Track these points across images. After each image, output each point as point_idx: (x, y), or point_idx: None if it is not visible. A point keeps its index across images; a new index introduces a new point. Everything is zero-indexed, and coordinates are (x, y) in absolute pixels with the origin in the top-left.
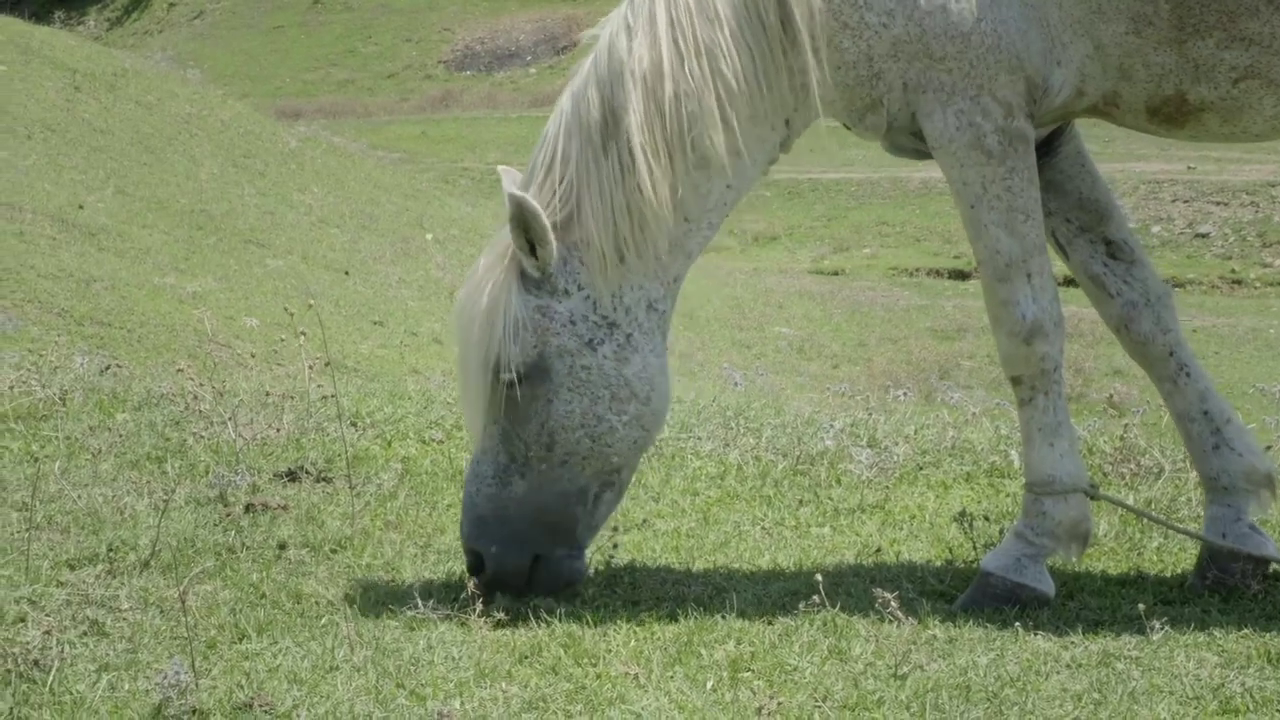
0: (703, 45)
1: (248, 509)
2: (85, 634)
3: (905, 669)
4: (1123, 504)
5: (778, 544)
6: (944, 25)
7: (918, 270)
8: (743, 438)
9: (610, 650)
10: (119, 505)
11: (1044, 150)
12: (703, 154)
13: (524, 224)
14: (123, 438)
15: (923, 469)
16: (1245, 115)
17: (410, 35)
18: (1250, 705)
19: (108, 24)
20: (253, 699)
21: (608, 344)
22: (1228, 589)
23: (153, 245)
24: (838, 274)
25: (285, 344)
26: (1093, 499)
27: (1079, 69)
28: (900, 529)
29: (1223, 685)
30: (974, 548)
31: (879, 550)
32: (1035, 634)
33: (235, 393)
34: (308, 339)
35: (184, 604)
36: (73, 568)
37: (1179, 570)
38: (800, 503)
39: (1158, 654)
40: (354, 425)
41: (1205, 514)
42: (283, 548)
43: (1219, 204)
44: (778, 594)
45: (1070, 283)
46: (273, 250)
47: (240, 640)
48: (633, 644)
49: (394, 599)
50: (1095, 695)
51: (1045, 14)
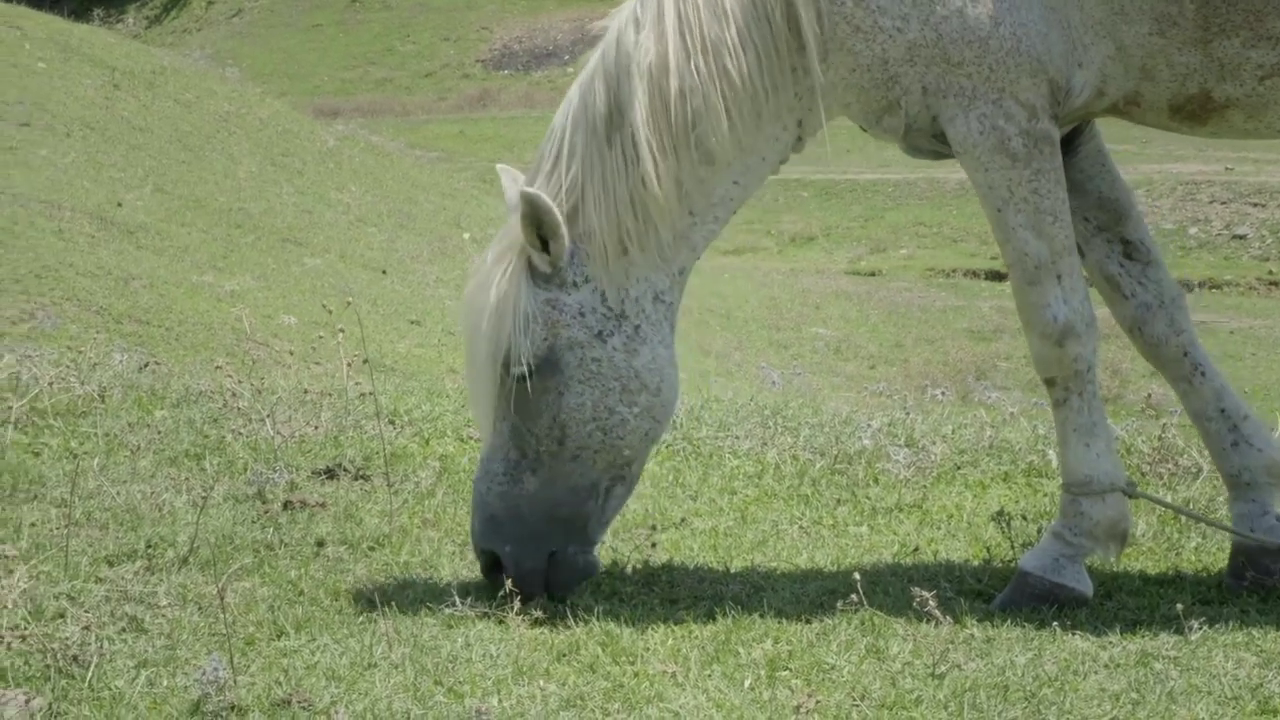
0: (709, 42)
1: (286, 506)
2: (124, 630)
3: (943, 668)
4: (1161, 501)
5: (815, 543)
6: (961, 30)
7: (954, 271)
8: (780, 437)
9: (648, 648)
10: (157, 502)
11: (1065, 150)
12: (707, 150)
13: (536, 220)
14: (161, 435)
15: (960, 468)
16: (1270, 111)
17: (448, 34)
18: None
19: (146, 22)
20: (291, 695)
21: (617, 336)
22: (1266, 589)
23: (191, 243)
24: (874, 275)
25: (323, 342)
26: (1131, 498)
27: (1100, 70)
28: (938, 528)
29: (1261, 685)
30: (1012, 547)
31: (916, 549)
32: (1073, 633)
33: (274, 390)
34: (346, 337)
35: (222, 600)
36: (111, 564)
37: (1217, 570)
38: (838, 502)
39: (1196, 654)
40: (392, 423)
41: (1231, 512)
42: (321, 545)
43: (1257, 205)
44: (815, 593)
45: None
46: (310, 249)
47: (278, 637)
48: (670, 642)
49: (432, 596)
50: (1133, 695)
51: (1066, 16)
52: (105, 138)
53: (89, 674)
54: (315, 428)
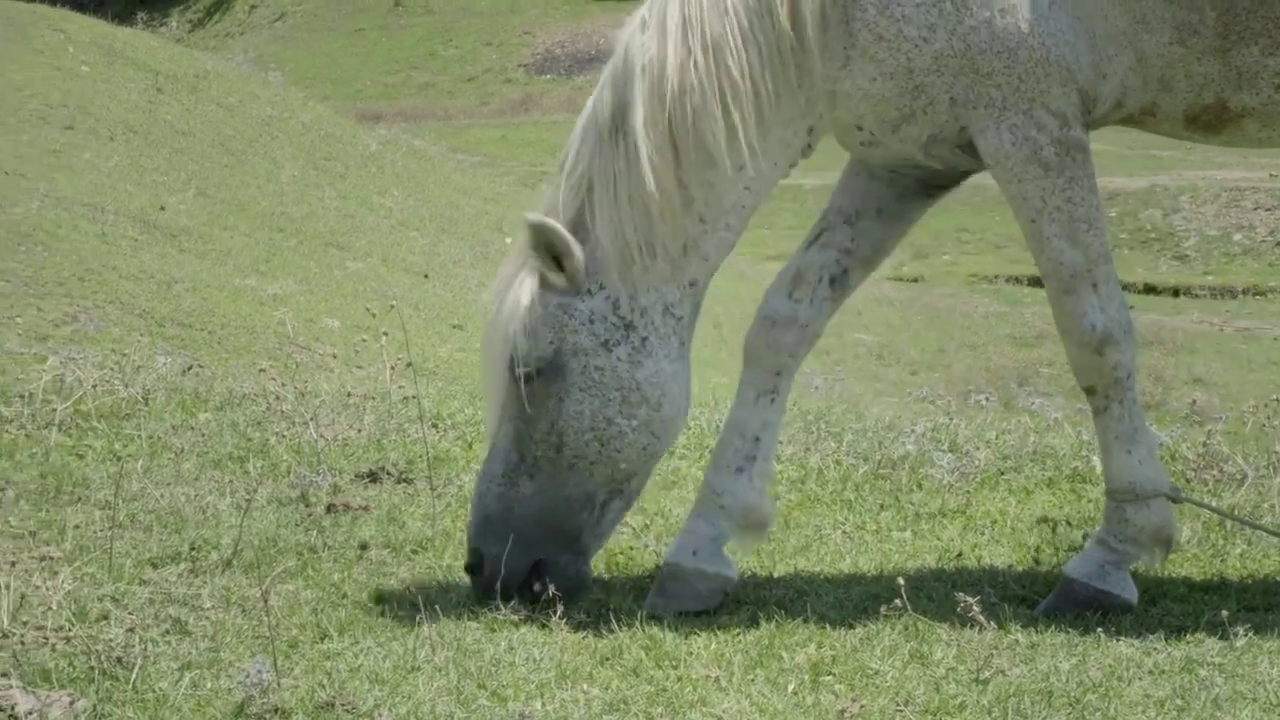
0: (711, 42)
1: (329, 509)
2: (168, 632)
3: (987, 674)
4: (1205, 505)
5: (858, 548)
6: (990, 40)
7: (997, 277)
8: (823, 442)
9: (691, 653)
10: (201, 504)
11: (932, 188)
12: (708, 151)
13: (545, 244)
14: (205, 437)
15: (1004, 474)
16: None
17: (491, 39)
18: None
19: (190, 26)
20: (334, 698)
21: (623, 346)
22: None
23: (233, 247)
24: (917, 281)
25: (366, 345)
26: (1175, 503)
27: (1121, 81)
28: (982, 534)
29: None
30: (1056, 553)
31: (960, 555)
32: (1118, 640)
33: (317, 393)
34: (389, 340)
35: (266, 603)
36: (155, 566)
37: (1262, 576)
38: (881, 507)
39: (1241, 660)
40: (435, 427)
41: (686, 526)
42: (364, 548)
43: None
44: (859, 598)
45: (1150, 290)
46: (353, 253)
47: (322, 640)
48: (714, 647)
49: (475, 600)
50: (1178, 702)
51: (1092, 26)
52: (148, 141)
53: (133, 676)
54: (358, 431)
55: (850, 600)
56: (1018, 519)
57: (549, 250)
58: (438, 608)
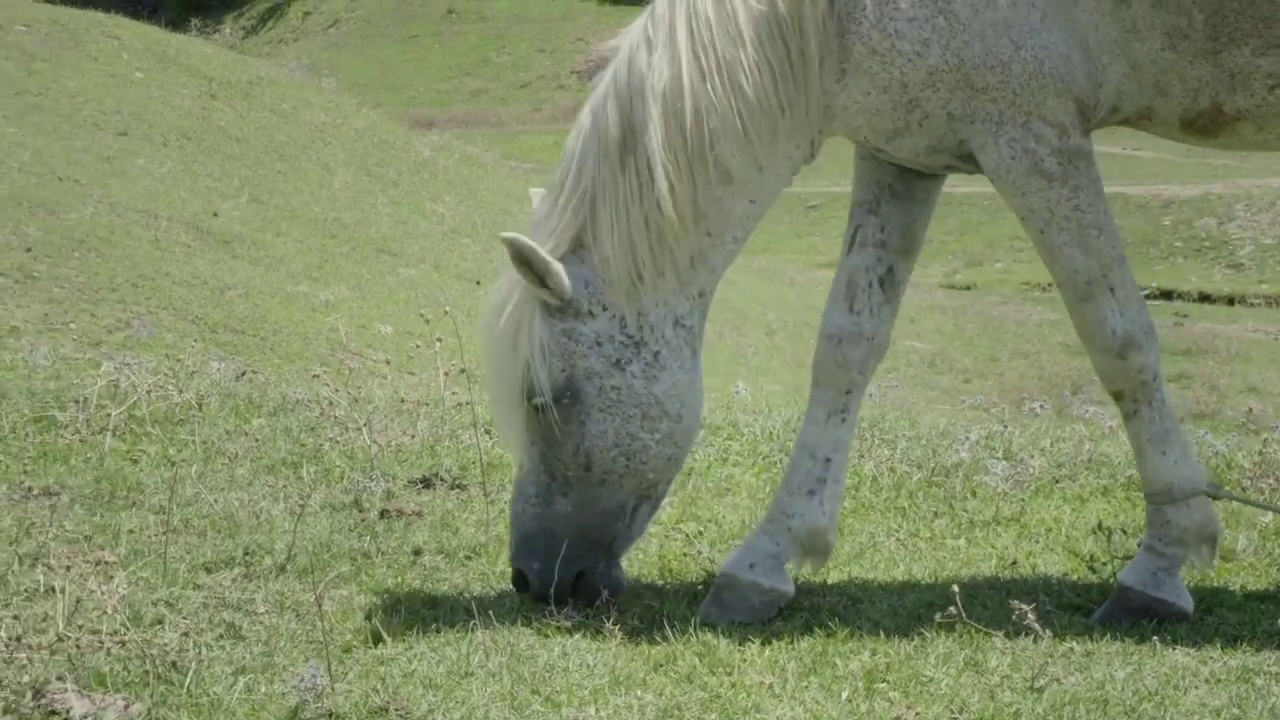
0: (724, 61)
1: (383, 515)
2: (222, 636)
3: (1042, 681)
4: (1245, 500)
5: (912, 555)
6: (983, 55)
7: (1049, 285)
8: (877, 449)
9: (745, 659)
10: (255, 509)
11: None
12: (725, 170)
13: (524, 262)
14: (259, 443)
15: (1058, 482)
16: None
17: (544, 45)
18: None
19: (243, 32)
20: (388, 703)
21: (636, 363)
22: None
23: (286, 253)
24: (969, 288)
25: (419, 352)
26: (1215, 499)
27: (1117, 88)
28: (1036, 542)
29: None
30: (1111, 561)
31: (1014, 563)
32: (1173, 648)
33: (370, 399)
34: (442, 346)
35: (320, 608)
36: (209, 571)
37: None
38: (935, 514)
39: None
40: (488, 433)
41: (746, 540)
42: (418, 554)
43: None
44: (913, 605)
45: (1205, 298)
46: (405, 259)
47: (376, 645)
48: (768, 653)
49: (528, 605)
50: (1234, 710)
51: (1085, 37)
52: (202, 147)
53: (187, 680)
54: (412, 437)
55: (904, 608)
56: (1072, 527)
57: (529, 268)
58: (491, 613)
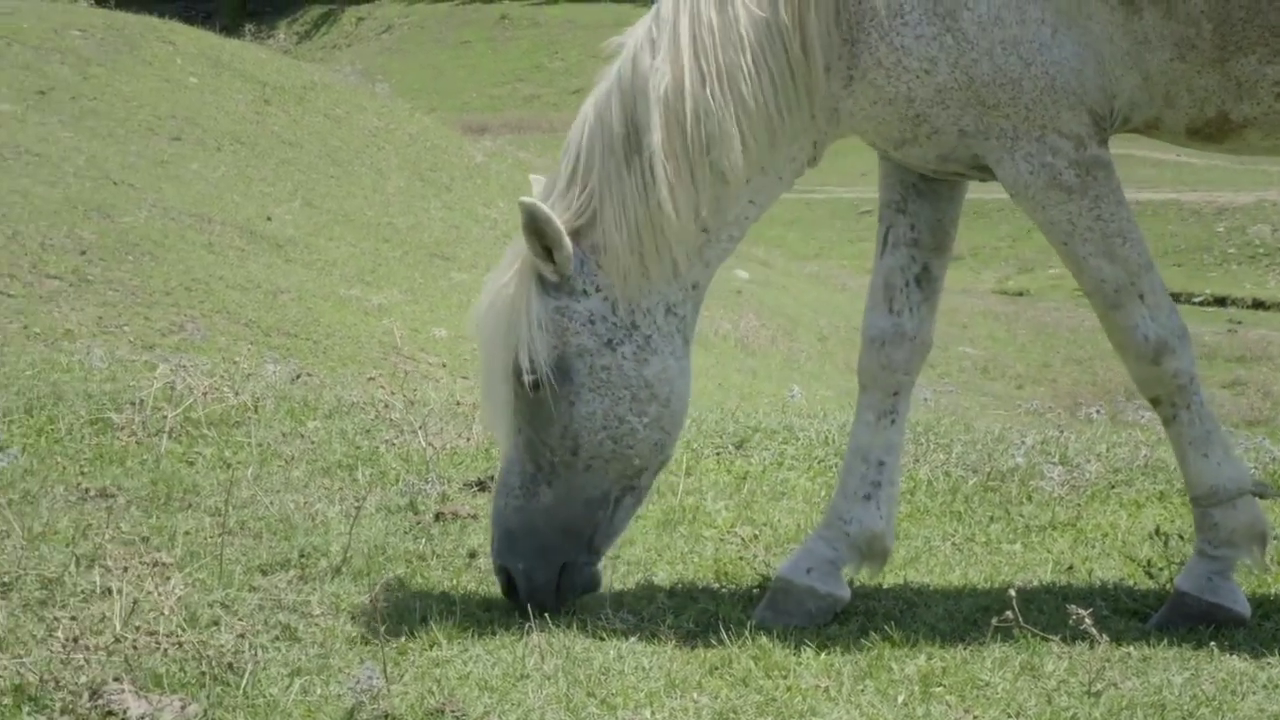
0: (724, 67)
1: (438, 517)
2: (278, 638)
3: (1099, 686)
4: None
5: (968, 560)
6: (993, 73)
7: None
8: (933, 454)
9: (800, 663)
10: (310, 512)
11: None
12: (721, 172)
13: (537, 230)
14: (314, 445)
15: (1115, 487)
16: None
17: (596, 51)
18: None
19: (297, 38)
20: (444, 705)
21: (627, 345)
22: None
23: (339, 257)
24: (1022, 294)
25: (475, 355)
26: (1262, 498)
27: (1130, 99)
28: (1092, 547)
29: None
30: (1168, 566)
31: (1071, 568)
32: (1231, 654)
33: (426, 402)
34: None
35: (376, 610)
36: (265, 573)
37: None
38: (991, 519)
39: None
40: None
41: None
42: (473, 556)
43: None
44: (969, 610)
45: (1259, 305)
46: (457, 264)
47: (431, 647)
48: (823, 657)
49: (583, 608)
50: None
51: (1099, 50)
52: (255, 152)
53: (244, 681)
54: (467, 440)
55: (960, 612)
56: (1129, 532)
57: (539, 237)
58: (546, 615)
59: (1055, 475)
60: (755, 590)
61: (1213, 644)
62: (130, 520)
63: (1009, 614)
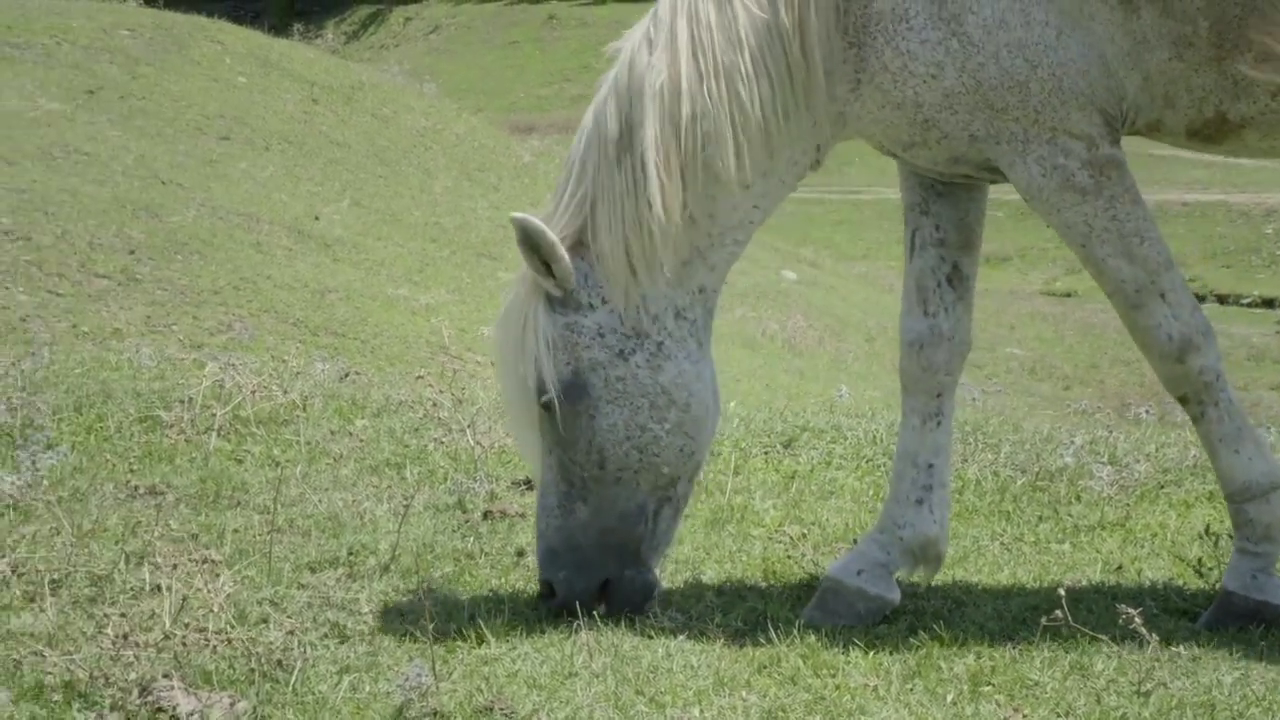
0: (722, 67)
1: (486, 516)
2: (326, 636)
3: (1148, 686)
4: None
5: (1017, 559)
6: (1000, 77)
7: None
8: (981, 453)
9: (849, 662)
10: (359, 510)
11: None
12: (714, 173)
13: (531, 244)
14: (362, 443)
15: (1164, 487)
16: None
17: None
18: None
19: (345, 37)
20: (493, 703)
21: (639, 353)
22: None
23: (387, 257)
24: (1070, 295)
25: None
26: None
27: (1134, 100)
28: (1141, 547)
29: None
30: (1218, 566)
31: (1120, 568)
32: None
33: (474, 401)
34: None
35: (424, 608)
36: (314, 570)
37: None
38: (1039, 519)
39: None
40: None
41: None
42: (521, 555)
43: None
44: (1018, 609)
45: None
46: (505, 264)
47: (480, 645)
48: (872, 656)
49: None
50: None
51: (1103, 50)
52: (303, 152)
53: (292, 678)
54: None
55: (1009, 611)
56: (1178, 532)
57: (535, 251)
58: (595, 614)
59: (1104, 475)
60: (803, 589)
61: (1263, 644)
62: (179, 518)
63: (1058, 613)
